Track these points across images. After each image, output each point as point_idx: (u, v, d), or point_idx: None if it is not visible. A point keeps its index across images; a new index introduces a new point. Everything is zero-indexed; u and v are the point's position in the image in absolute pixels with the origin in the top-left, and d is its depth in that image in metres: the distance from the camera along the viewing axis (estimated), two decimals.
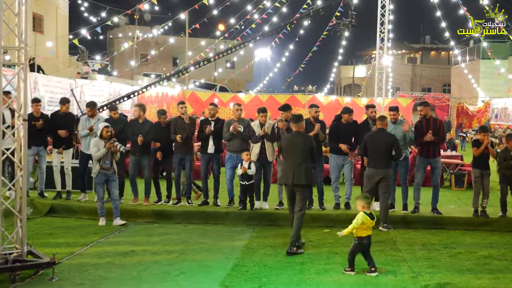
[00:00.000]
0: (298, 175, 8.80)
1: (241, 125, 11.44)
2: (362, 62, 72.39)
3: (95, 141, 10.55)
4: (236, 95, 41.15)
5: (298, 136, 9.11)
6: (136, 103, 12.45)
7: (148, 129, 11.73)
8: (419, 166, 11.33)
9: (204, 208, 11.46)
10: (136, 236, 9.76)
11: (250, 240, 9.52)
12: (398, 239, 9.73)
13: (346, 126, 11.48)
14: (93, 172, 10.54)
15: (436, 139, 11.15)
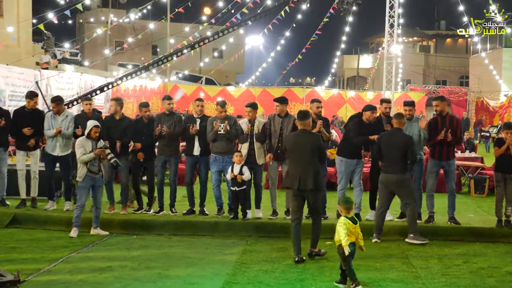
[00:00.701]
0: (305, 179, 8.98)
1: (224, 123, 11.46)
2: (368, 51, 72.67)
3: (81, 142, 10.56)
4: (224, 89, 41.19)
5: (303, 135, 9.24)
6: (113, 97, 12.47)
7: (126, 126, 11.74)
8: (431, 170, 11.39)
9: (190, 217, 11.48)
10: (113, 249, 9.73)
11: (243, 253, 9.53)
12: (411, 252, 9.77)
13: (367, 126, 11.38)
14: (78, 176, 10.54)
15: (453, 140, 11.19)
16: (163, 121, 11.66)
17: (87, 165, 10.46)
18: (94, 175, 10.52)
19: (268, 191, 11.97)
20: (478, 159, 18.35)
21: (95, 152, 10.47)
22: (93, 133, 10.55)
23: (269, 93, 39.01)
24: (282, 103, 11.54)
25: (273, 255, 9.44)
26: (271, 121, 11.49)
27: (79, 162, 10.46)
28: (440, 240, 10.65)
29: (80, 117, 12.03)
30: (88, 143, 10.53)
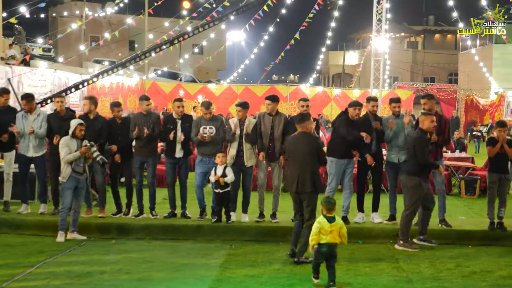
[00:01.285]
0: (303, 181, 9.21)
1: (213, 125, 11.45)
2: (354, 47, 72.91)
3: (66, 141, 10.53)
4: (205, 86, 41.16)
5: (302, 137, 9.44)
6: (86, 96, 12.36)
7: (101, 127, 11.67)
8: None
9: (171, 221, 11.47)
10: (91, 254, 9.70)
11: (227, 258, 9.54)
12: (401, 256, 9.83)
13: (354, 123, 11.41)
14: (62, 176, 10.51)
15: (440, 140, 11.24)
16: (140, 122, 11.61)
17: (72, 165, 10.45)
18: (78, 176, 10.51)
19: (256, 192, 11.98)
20: (468, 159, 18.47)
21: (80, 150, 10.46)
22: (78, 132, 10.53)
23: (251, 91, 39.07)
24: (274, 101, 11.55)
25: (259, 259, 9.46)
26: (261, 120, 11.50)
27: (64, 162, 10.43)
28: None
29: (53, 117, 11.93)
30: (73, 143, 10.51)
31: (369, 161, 11.38)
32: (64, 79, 28.18)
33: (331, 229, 8.09)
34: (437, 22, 69.03)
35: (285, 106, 38.43)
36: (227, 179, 11.00)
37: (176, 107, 11.74)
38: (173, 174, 11.82)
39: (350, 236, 10.33)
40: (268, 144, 11.40)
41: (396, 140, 11.46)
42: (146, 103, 11.88)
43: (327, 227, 8.08)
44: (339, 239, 8.16)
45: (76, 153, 10.45)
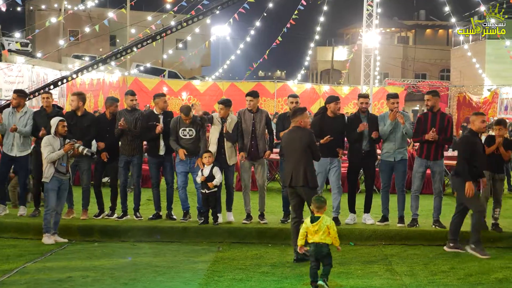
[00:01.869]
0: (296, 176, 9.48)
1: (192, 127, 11.45)
2: (343, 43, 73.05)
3: (49, 139, 10.48)
4: (189, 83, 41.02)
5: (295, 132, 9.67)
6: (74, 92, 12.31)
7: (89, 123, 11.62)
8: (417, 170, 11.46)
9: (157, 222, 11.46)
10: (73, 258, 9.66)
11: (215, 261, 9.54)
12: (394, 258, 9.88)
13: (333, 120, 11.53)
14: (45, 176, 10.45)
15: (442, 139, 11.29)
16: (124, 118, 11.58)
17: (55, 164, 10.41)
18: (61, 176, 10.47)
19: (240, 193, 11.97)
20: None
21: (64, 148, 10.43)
22: (61, 128, 10.50)
23: (237, 88, 38.95)
24: (256, 97, 11.59)
25: (247, 262, 9.46)
26: (242, 117, 11.52)
27: (47, 162, 10.38)
28: (424, 245, 10.79)
29: (39, 114, 11.84)
30: (56, 141, 10.47)
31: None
32: (43, 75, 28.01)
33: (315, 229, 8.21)
34: (429, 17, 69.28)
35: (272, 103, 38.42)
36: (215, 181, 10.98)
37: (163, 102, 11.76)
38: (158, 173, 11.80)
39: (341, 237, 10.32)
40: (250, 142, 11.42)
41: (393, 138, 11.46)
42: (131, 98, 11.87)
43: (310, 227, 8.25)
44: (329, 239, 8.22)
45: (60, 151, 10.40)
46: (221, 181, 11.28)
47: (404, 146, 11.54)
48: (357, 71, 48.89)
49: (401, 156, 11.44)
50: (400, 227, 11.28)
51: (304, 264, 9.26)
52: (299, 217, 9.63)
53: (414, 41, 69.26)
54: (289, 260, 9.56)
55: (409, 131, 11.42)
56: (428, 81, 51.74)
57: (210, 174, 11.01)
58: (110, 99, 12.14)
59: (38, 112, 12.01)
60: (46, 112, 11.78)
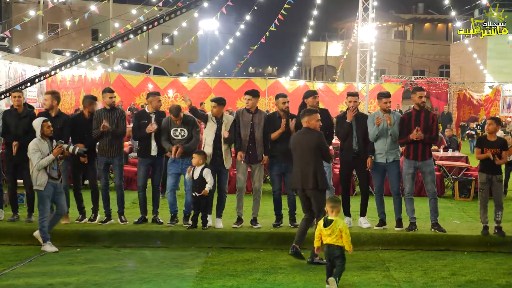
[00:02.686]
0: (306, 178, 9.77)
1: (184, 128, 11.46)
2: (338, 38, 73.20)
3: (36, 144, 10.34)
4: (176, 80, 41.05)
5: (305, 133, 9.98)
6: (48, 91, 12.23)
7: (63, 125, 11.57)
8: (407, 171, 11.51)
9: (142, 227, 11.44)
10: (54, 264, 9.65)
11: (204, 267, 9.55)
12: (392, 264, 9.91)
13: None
14: (38, 184, 10.30)
15: (427, 138, 11.33)
16: (103, 117, 11.56)
17: (47, 170, 10.30)
18: (55, 181, 10.39)
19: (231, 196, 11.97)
20: (462, 159, 18.62)
21: (53, 152, 10.34)
22: (46, 129, 10.39)
23: (227, 85, 39.07)
24: (255, 96, 11.59)
25: (238, 268, 9.47)
26: (240, 117, 11.51)
27: (38, 169, 10.23)
28: (423, 250, 10.82)
29: (9, 114, 11.79)
30: (43, 144, 10.37)
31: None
32: (21, 71, 27.94)
33: (328, 232, 8.63)
34: (427, 10, 69.56)
35: (263, 101, 38.46)
36: (207, 187, 10.97)
37: (157, 101, 11.76)
38: (146, 175, 11.77)
39: None
40: (248, 144, 11.42)
41: (384, 138, 11.50)
42: (110, 95, 11.81)
43: (324, 231, 8.69)
44: (341, 241, 8.61)
45: (50, 157, 10.29)
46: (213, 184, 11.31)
47: (396, 147, 11.57)
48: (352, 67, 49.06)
49: (394, 157, 11.47)
50: (398, 231, 11.31)
51: (298, 271, 9.30)
52: (311, 215, 9.97)
53: (412, 35, 69.48)
54: (283, 266, 9.59)
55: (396, 132, 11.41)
56: (427, 78, 51.94)
57: (200, 177, 11.01)
58: (89, 98, 12.07)
59: (8, 111, 11.94)
60: (17, 112, 11.72)
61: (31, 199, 11.81)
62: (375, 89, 38.51)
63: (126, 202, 12.22)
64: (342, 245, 8.58)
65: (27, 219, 11.63)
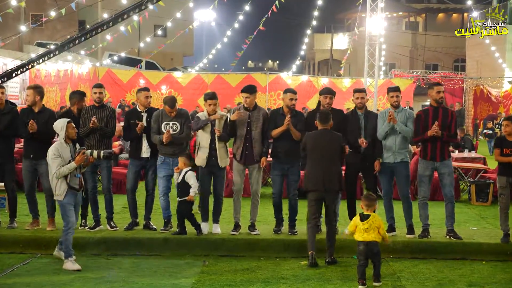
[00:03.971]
0: (330, 179, 10.29)
1: (177, 121, 11.47)
2: (344, 29, 73.16)
3: (58, 149, 9.92)
4: (169, 75, 41.05)
5: (325, 135, 10.51)
6: (30, 85, 12.21)
7: (47, 120, 11.53)
8: (423, 173, 11.46)
9: (133, 233, 11.44)
10: (39, 274, 9.65)
11: (200, 277, 9.56)
12: (404, 274, 9.92)
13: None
14: (57, 194, 9.94)
15: (446, 136, 11.31)
16: (91, 115, 11.55)
17: (67, 179, 9.91)
18: (76, 189, 10.03)
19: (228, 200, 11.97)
20: (479, 160, 18.60)
21: (76, 160, 9.91)
22: (71, 131, 10.01)
23: (224, 80, 39.07)
24: (252, 93, 11.59)
25: (237, 278, 9.48)
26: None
27: (57, 177, 9.83)
28: (438, 259, 10.81)
29: None
30: (66, 149, 9.96)
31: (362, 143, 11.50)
32: (1, 65, 27.96)
33: (365, 227, 9.19)
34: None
35: (263, 98, 38.49)
36: (192, 191, 11.00)
37: (144, 97, 11.72)
38: (135, 178, 11.76)
39: (343, 250, 10.55)
40: (244, 144, 11.44)
41: (393, 137, 11.49)
42: (99, 90, 11.82)
43: (360, 225, 9.23)
44: (379, 236, 9.24)
45: (71, 165, 9.86)
46: (204, 186, 11.43)
47: (405, 147, 11.56)
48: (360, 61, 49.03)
49: (402, 158, 11.46)
50: (409, 239, 11.30)
51: (301, 281, 9.30)
52: (317, 219, 10.56)
53: (424, 27, 69.45)
54: (286, 276, 9.59)
55: (404, 129, 11.36)
56: (440, 73, 51.78)
57: (182, 181, 11.08)
58: (78, 94, 12.07)
59: None
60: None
61: (13, 203, 11.83)
62: (384, 85, 38.44)
63: (117, 207, 12.21)
64: (379, 240, 9.21)
65: (9, 225, 11.61)
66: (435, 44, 63.83)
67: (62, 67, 34.65)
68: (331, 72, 61.81)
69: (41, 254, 10.81)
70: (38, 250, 10.93)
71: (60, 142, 9.96)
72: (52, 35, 50.62)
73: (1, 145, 11.56)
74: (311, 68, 75.51)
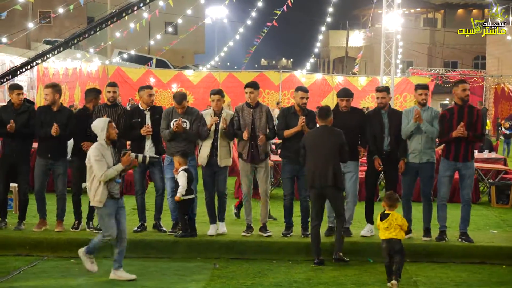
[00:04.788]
0: (325, 176, 10.30)
1: (187, 119, 11.46)
2: (360, 26, 73.00)
3: (99, 149, 9.44)
4: (180, 73, 41.09)
5: (324, 132, 10.56)
6: (49, 84, 12.17)
7: (66, 120, 11.59)
8: (444, 173, 11.41)
9: (142, 235, 11.45)
10: (45, 277, 9.68)
11: (211, 280, 9.57)
12: (420, 278, 9.90)
13: (346, 116, 11.51)
14: (98, 200, 9.44)
15: (471, 136, 11.26)
16: (103, 114, 11.55)
17: (108, 186, 9.42)
18: (117, 195, 9.52)
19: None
20: (500, 161, 18.54)
21: (123, 160, 9.46)
22: (112, 131, 9.52)
23: (236, 79, 39.02)
24: (257, 88, 11.63)
25: (248, 281, 9.49)
26: (240, 113, 11.53)
27: (103, 180, 9.32)
28: (456, 263, 10.76)
29: (5, 110, 11.77)
30: (107, 151, 9.47)
31: (376, 165, 11.46)
32: (8, 63, 28.04)
33: (385, 226, 9.45)
34: None
35: (276, 96, 38.48)
36: (179, 192, 11.03)
37: (147, 95, 11.69)
38: (142, 178, 11.77)
39: (357, 253, 10.52)
40: (249, 142, 11.45)
41: (419, 136, 11.41)
42: (113, 89, 11.85)
43: (381, 225, 9.51)
44: (402, 234, 9.48)
45: (118, 166, 9.41)
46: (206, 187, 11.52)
47: (431, 147, 11.49)
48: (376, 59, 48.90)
49: (428, 158, 11.39)
50: (426, 241, 11.27)
51: (314, 284, 9.29)
52: (319, 223, 10.51)
53: (443, 23, 69.16)
54: (297, 280, 9.58)
55: (430, 129, 11.29)
56: (460, 71, 51.65)
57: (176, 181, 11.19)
58: (94, 92, 12.08)
59: (4, 107, 11.95)
60: (14, 107, 11.72)
61: (24, 206, 11.88)
62: (401, 83, 38.46)
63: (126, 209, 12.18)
64: (402, 238, 9.42)
65: (16, 227, 11.64)
66: (454, 41, 63.49)
67: (70, 65, 34.75)
68: (346, 70, 61.70)
69: (48, 256, 10.85)
70: (45, 252, 10.94)
71: (101, 143, 9.47)
72: (60, 32, 50.73)
73: (18, 145, 11.62)
74: (326, 66, 75.45)
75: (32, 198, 11.88)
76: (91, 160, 9.36)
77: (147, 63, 44.40)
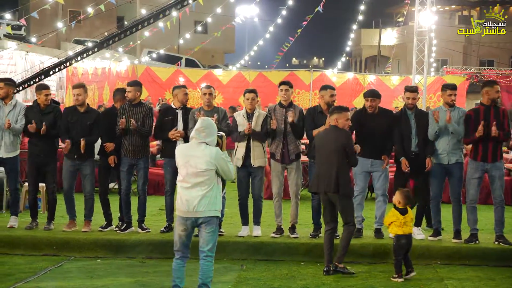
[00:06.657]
0: (328, 181, 9.93)
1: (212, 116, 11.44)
2: (393, 24, 72.63)
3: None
4: (210, 72, 41.17)
5: (331, 132, 10.11)
6: (78, 84, 12.20)
7: (93, 122, 11.67)
8: (473, 175, 11.32)
9: (170, 235, 11.40)
10: (71, 278, 9.74)
11: (238, 281, 9.59)
12: (452, 281, 9.82)
13: (375, 117, 11.50)
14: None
15: (502, 135, 11.16)
16: (127, 114, 11.62)
17: None
18: None
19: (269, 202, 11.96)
20: None
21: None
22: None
23: (266, 78, 39.01)
24: (291, 86, 11.69)
25: (275, 283, 9.48)
26: (272, 114, 11.52)
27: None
28: (489, 266, 10.67)
29: (31, 110, 11.86)
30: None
31: (403, 167, 11.39)
32: (38, 63, 28.24)
33: (405, 221, 9.76)
34: None
35: (307, 96, 38.43)
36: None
37: (183, 94, 11.78)
38: (172, 178, 11.79)
39: (387, 255, 10.42)
40: (282, 142, 11.45)
41: (447, 136, 11.35)
42: (136, 88, 11.89)
43: (401, 218, 9.73)
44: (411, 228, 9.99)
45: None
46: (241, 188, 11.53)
47: (459, 147, 11.43)
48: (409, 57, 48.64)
49: (456, 159, 11.34)
50: (456, 243, 11.18)
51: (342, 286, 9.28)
52: (333, 228, 10.15)
53: None
54: (325, 282, 9.58)
55: (457, 130, 11.24)
56: (496, 69, 51.26)
57: None
58: (121, 91, 12.12)
59: (30, 107, 12.04)
60: (40, 108, 11.79)
61: (53, 205, 11.98)
62: (435, 82, 38.17)
63: (154, 208, 12.32)
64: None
65: (45, 227, 11.74)
66: (490, 39, 62.93)
67: (99, 65, 34.95)
68: (378, 69, 61.44)
69: (75, 256, 10.93)
70: (72, 252, 11.03)
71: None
72: (90, 32, 51.03)
73: (45, 145, 11.70)
74: (358, 65, 75.13)
75: (60, 198, 11.98)
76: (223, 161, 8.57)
77: (176, 62, 44.51)
